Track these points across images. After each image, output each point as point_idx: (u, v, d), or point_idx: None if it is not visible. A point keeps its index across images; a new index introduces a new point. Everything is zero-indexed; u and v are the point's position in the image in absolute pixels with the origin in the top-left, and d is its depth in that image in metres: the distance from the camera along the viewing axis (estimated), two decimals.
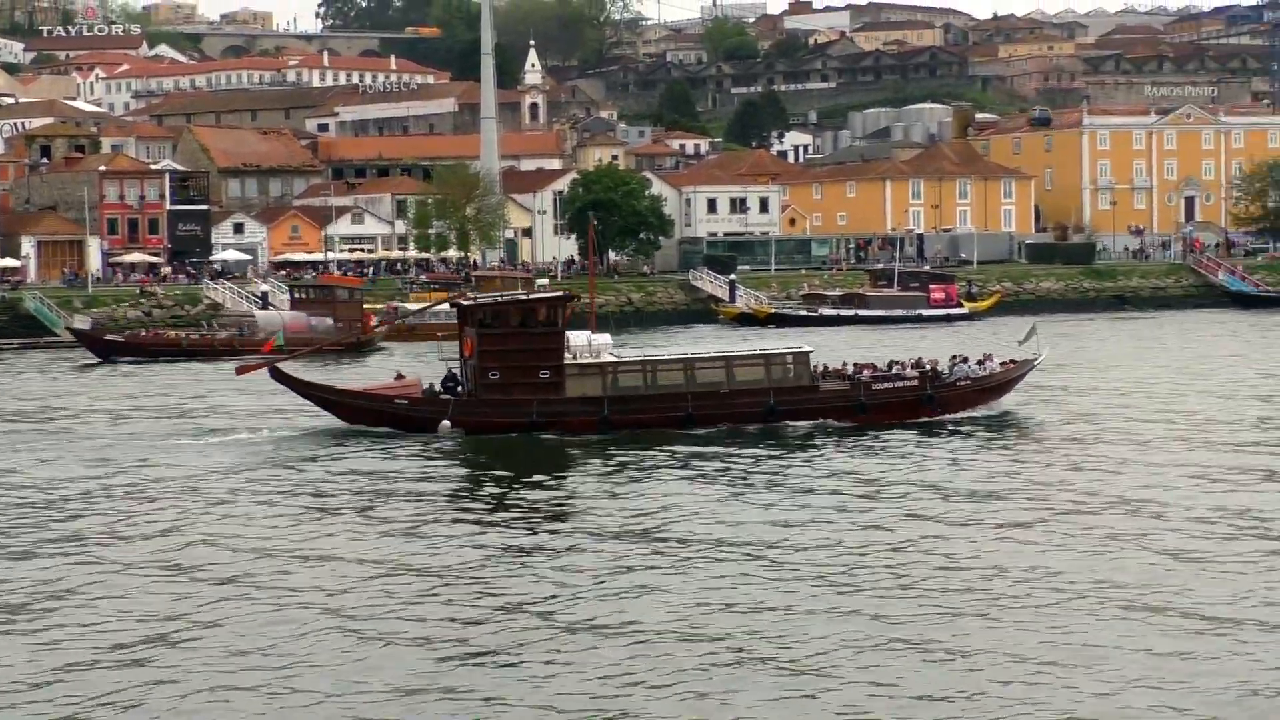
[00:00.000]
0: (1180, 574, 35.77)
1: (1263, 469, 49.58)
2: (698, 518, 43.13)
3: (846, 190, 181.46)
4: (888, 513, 43.44)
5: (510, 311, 61.11)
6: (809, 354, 62.58)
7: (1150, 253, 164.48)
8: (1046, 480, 48.34)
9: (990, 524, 41.74)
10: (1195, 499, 44.34)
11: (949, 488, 47.10)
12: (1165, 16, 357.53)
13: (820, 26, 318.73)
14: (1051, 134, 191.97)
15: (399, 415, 60.20)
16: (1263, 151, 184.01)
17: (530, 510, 45.06)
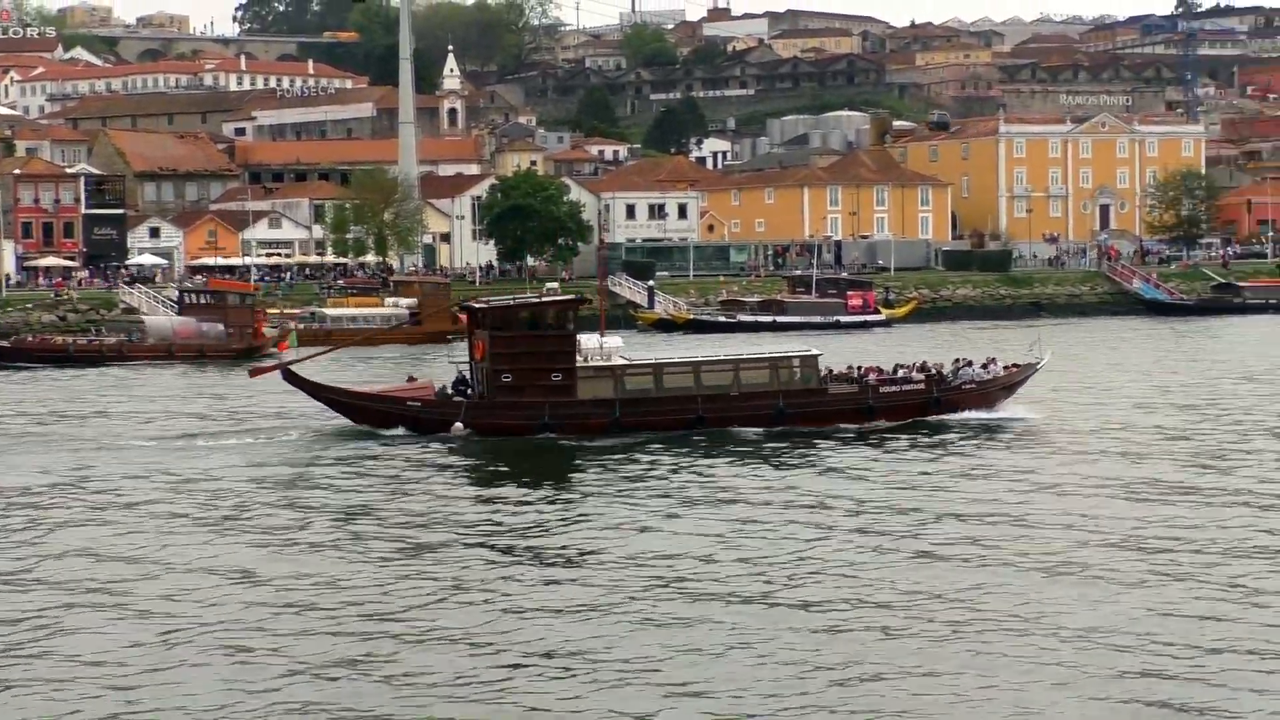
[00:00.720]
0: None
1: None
2: (715, 522, 43.21)
3: (765, 197, 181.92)
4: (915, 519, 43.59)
5: (522, 314, 61.63)
6: (817, 357, 63.25)
7: (1066, 260, 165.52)
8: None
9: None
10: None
11: (976, 495, 47.26)
12: (1081, 26, 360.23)
13: (739, 34, 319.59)
14: (968, 142, 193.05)
15: (412, 417, 60.38)
16: (1176, 160, 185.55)
17: (544, 512, 45.14)
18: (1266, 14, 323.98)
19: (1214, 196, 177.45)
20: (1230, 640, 30.81)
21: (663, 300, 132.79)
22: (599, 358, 61.02)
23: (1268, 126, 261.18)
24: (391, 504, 46.57)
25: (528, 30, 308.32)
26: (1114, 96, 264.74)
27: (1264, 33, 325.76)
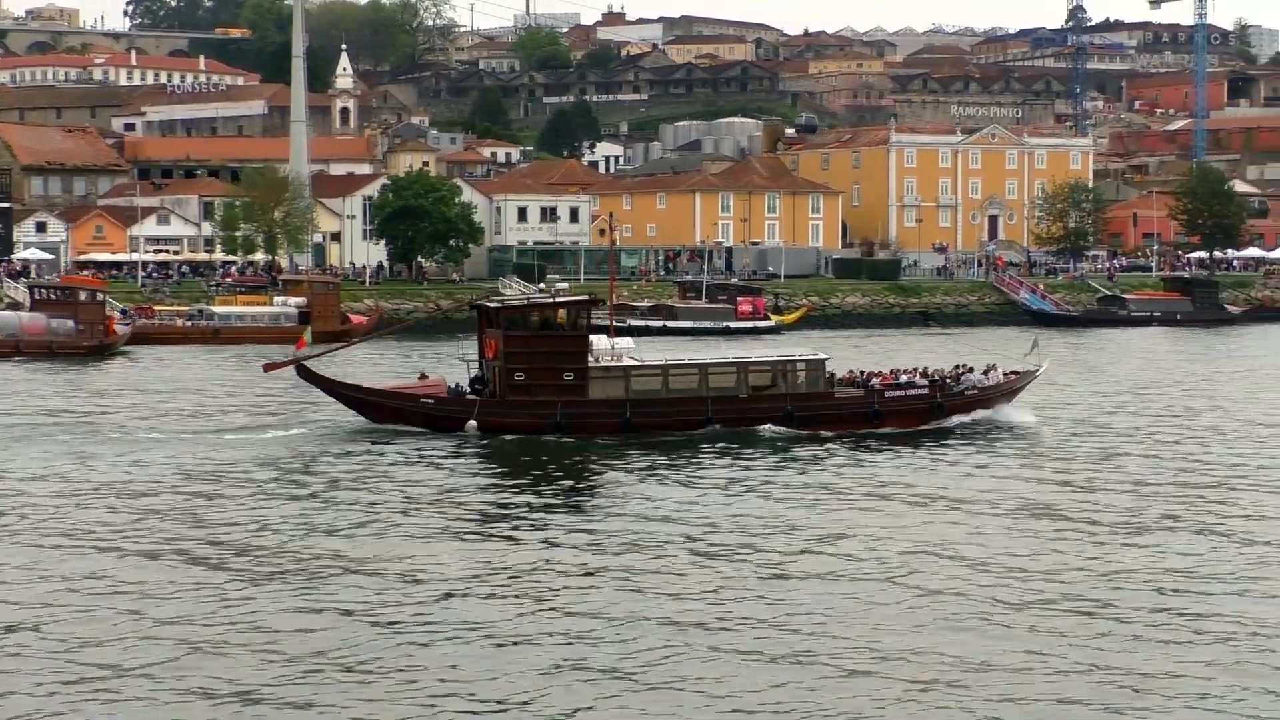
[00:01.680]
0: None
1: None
2: (728, 521, 43.96)
3: (657, 202, 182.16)
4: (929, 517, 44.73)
5: (535, 314, 62.60)
6: (824, 360, 64.38)
7: (954, 270, 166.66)
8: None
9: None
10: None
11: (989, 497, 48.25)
12: (972, 37, 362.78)
13: (633, 38, 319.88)
14: (860, 151, 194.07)
15: (425, 414, 61.19)
16: (1064, 172, 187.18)
17: (559, 510, 46.16)
18: (1155, 29, 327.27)
19: (1101, 209, 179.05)
20: None
21: None
22: (610, 358, 61.93)
23: (1154, 141, 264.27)
24: (413, 498, 47.51)
25: (421, 31, 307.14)
26: (1004, 108, 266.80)
27: (1152, 48, 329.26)
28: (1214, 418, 68.99)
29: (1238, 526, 43.68)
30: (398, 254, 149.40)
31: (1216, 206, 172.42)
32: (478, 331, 63.53)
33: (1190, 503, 47.30)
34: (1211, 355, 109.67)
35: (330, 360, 75.39)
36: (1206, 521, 44.32)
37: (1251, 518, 44.89)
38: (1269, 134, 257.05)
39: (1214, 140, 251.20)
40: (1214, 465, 54.85)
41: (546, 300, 65.91)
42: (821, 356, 65.02)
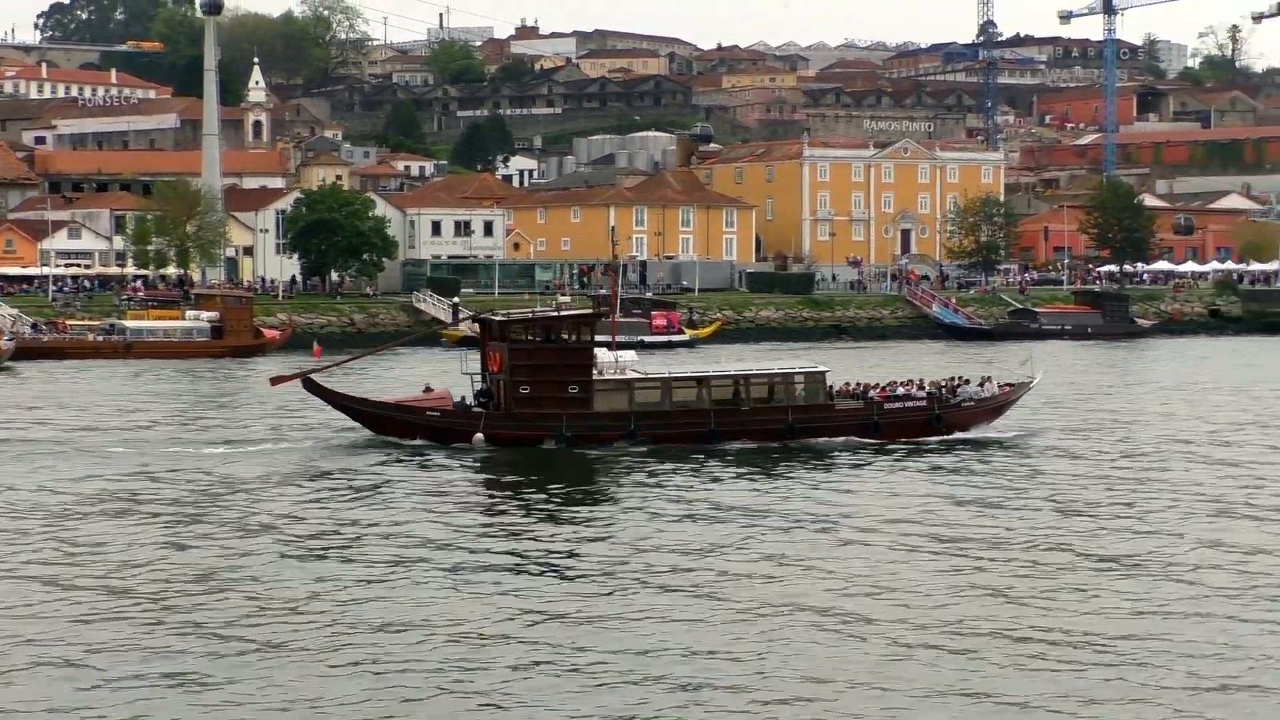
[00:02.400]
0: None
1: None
2: (736, 534, 44.50)
3: (571, 216, 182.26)
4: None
5: (541, 328, 62.93)
6: (825, 373, 65.32)
7: (867, 284, 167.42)
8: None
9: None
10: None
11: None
12: (884, 52, 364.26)
13: (547, 52, 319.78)
14: (773, 165, 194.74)
15: (432, 427, 61.70)
16: (976, 187, 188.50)
17: (569, 522, 46.71)
18: (1065, 45, 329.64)
19: (1012, 223, 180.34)
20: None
21: (467, 317, 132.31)
22: (614, 371, 62.65)
23: (1065, 155, 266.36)
24: (423, 511, 48.11)
25: (334, 44, 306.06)
26: (916, 123, 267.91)
27: (1062, 63, 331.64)
28: (1133, 430, 69.74)
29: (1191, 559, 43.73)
30: (311, 268, 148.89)
31: (1126, 220, 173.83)
32: (480, 345, 64.30)
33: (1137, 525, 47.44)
34: (1123, 368, 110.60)
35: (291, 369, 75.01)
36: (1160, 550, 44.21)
37: (1197, 547, 44.91)
38: (1178, 148, 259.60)
39: (1124, 154, 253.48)
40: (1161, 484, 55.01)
41: (552, 314, 65.93)
42: (822, 369, 66.13)
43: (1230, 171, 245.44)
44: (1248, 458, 61.10)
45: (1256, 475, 56.18)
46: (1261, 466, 58.56)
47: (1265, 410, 78.70)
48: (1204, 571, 40.08)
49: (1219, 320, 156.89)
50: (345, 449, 61.30)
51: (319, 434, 65.06)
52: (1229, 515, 48.22)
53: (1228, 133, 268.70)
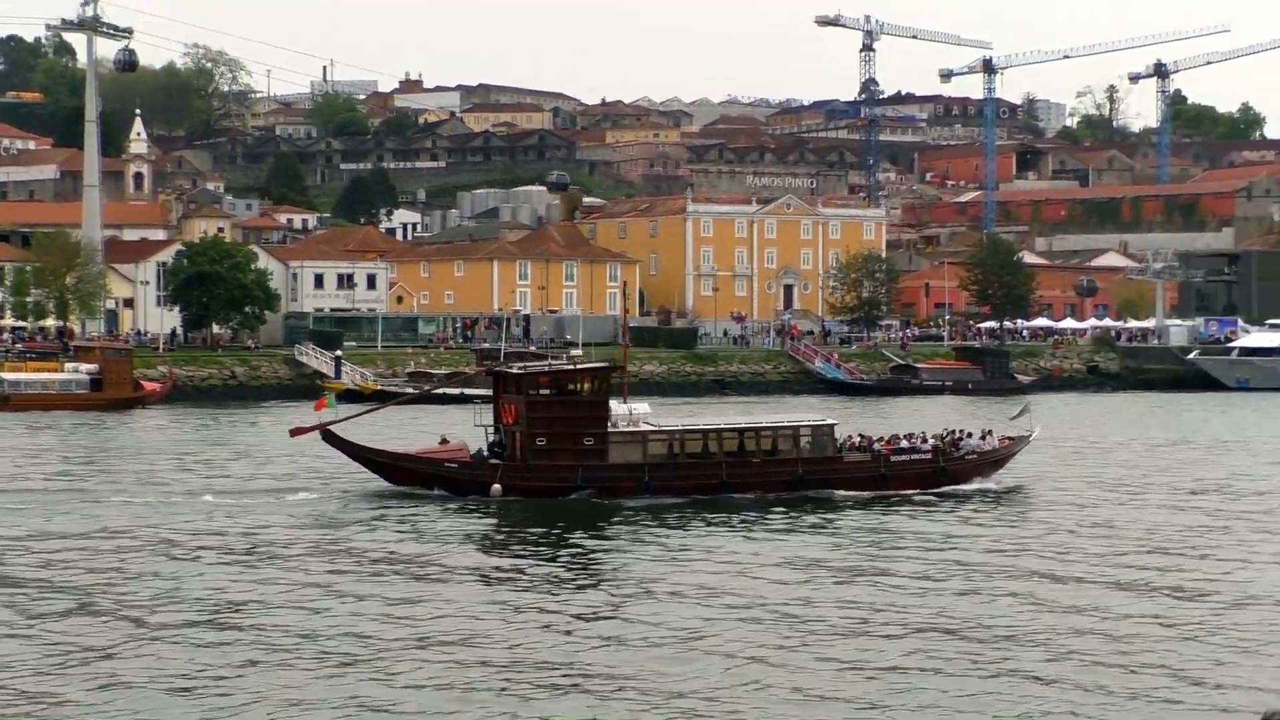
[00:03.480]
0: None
1: None
2: (760, 583, 45.15)
3: (454, 269, 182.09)
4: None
5: (557, 381, 63.99)
6: (833, 426, 66.42)
7: (750, 339, 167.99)
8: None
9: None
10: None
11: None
12: (767, 109, 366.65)
13: (430, 106, 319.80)
14: (657, 220, 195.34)
15: (450, 478, 62.73)
16: (858, 243, 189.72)
17: (593, 573, 47.41)
18: (946, 103, 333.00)
19: (894, 279, 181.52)
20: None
21: (350, 371, 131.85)
22: (627, 423, 63.50)
23: (945, 212, 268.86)
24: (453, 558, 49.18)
25: (217, 96, 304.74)
26: (799, 179, 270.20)
27: (943, 121, 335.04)
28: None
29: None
30: (192, 320, 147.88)
31: (1006, 277, 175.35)
32: (493, 397, 65.09)
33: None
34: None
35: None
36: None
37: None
38: (1056, 206, 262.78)
39: (1003, 212, 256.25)
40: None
41: (568, 367, 67.63)
42: (830, 422, 67.21)
43: (1108, 229, 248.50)
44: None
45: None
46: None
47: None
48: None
49: (1097, 377, 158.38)
50: (364, 499, 62.20)
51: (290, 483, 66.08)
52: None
53: (1105, 191, 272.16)
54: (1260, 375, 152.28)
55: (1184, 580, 46.10)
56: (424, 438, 72.61)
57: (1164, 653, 36.92)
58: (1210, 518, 59.60)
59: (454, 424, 73.81)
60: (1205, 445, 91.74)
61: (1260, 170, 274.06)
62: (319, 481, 67.22)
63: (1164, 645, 37.72)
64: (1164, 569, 48.06)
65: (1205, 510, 61.73)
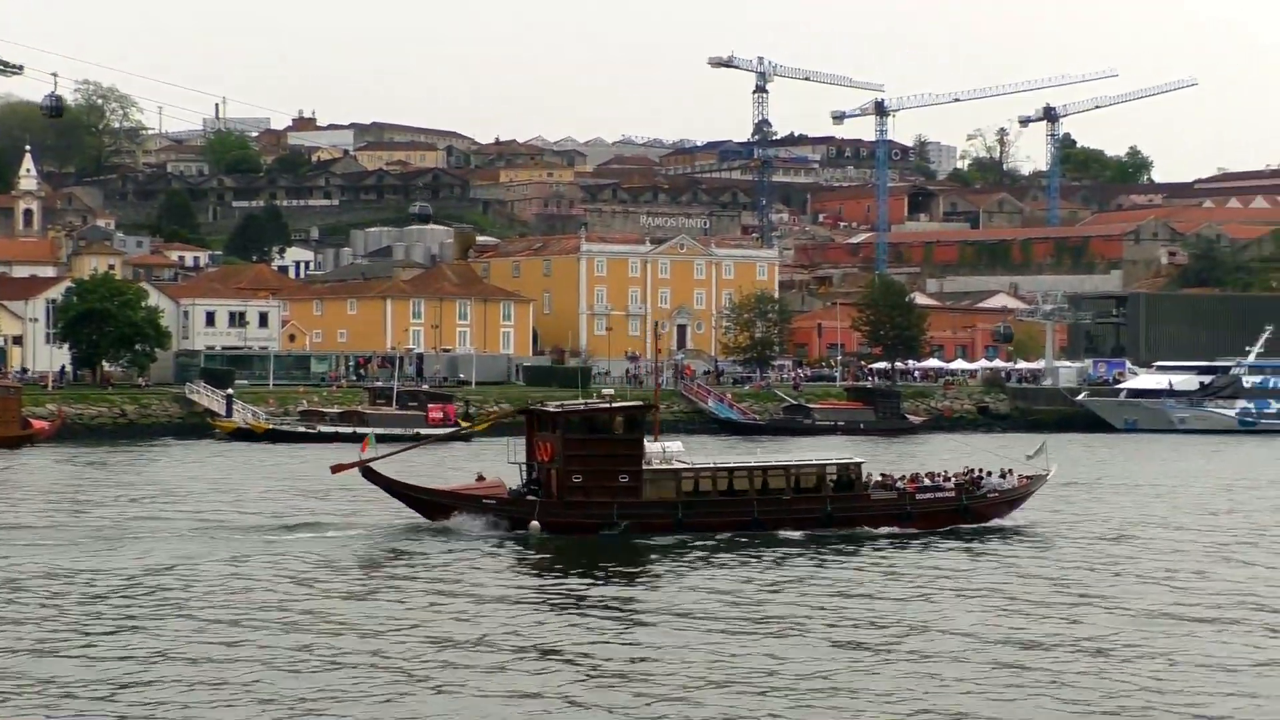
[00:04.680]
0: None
1: None
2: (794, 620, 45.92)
3: (347, 308, 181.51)
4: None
5: (593, 419, 65.14)
6: (860, 464, 67.62)
7: (644, 378, 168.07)
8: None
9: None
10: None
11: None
12: (661, 149, 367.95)
13: (324, 144, 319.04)
14: (551, 259, 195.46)
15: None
16: (751, 283, 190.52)
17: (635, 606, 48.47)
18: (838, 144, 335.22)
19: (786, 319, 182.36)
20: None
21: (241, 409, 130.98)
22: (660, 461, 64.81)
23: (838, 253, 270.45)
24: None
25: (108, 133, 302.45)
26: (692, 219, 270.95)
27: (836, 162, 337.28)
28: None
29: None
30: (82, 358, 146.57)
31: (898, 318, 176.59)
32: (526, 434, 66.07)
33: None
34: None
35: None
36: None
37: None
38: (947, 248, 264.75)
39: (895, 253, 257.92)
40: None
41: (604, 405, 68.39)
42: (858, 460, 68.26)
43: (998, 271, 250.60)
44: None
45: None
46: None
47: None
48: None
49: (988, 417, 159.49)
50: (402, 535, 63.06)
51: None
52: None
53: (995, 233, 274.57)
54: (1147, 417, 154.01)
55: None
56: (460, 475, 73.95)
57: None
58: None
59: (487, 462, 74.65)
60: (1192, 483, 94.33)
61: (1148, 213, 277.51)
62: (327, 517, 68.87)
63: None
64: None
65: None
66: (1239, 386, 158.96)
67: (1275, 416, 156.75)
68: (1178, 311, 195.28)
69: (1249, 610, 48.06)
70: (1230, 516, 75.50)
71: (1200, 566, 57.65)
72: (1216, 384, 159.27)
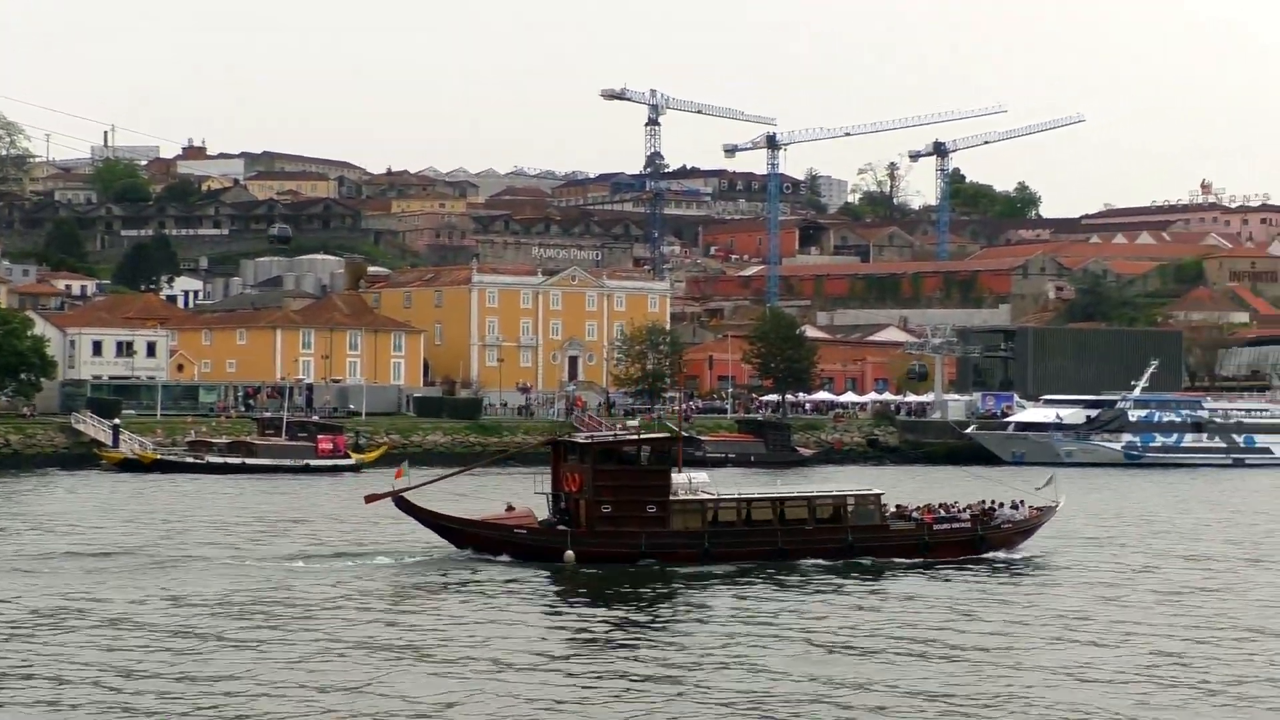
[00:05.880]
0: None
1: None
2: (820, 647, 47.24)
3: (237, 338, 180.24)
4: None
5: (623, 450, 66.53)
6: (880, 495, 68.99)
7: (535, 409, 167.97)
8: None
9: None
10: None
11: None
12: (553, 181, 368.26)
13: (214, 173, 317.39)
14: (442, 290, 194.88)
15: (520, 544, 64.98)
16: (642, 315, 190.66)
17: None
18: (730, 177, 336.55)
19: (678, 352, 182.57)
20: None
21: (128, 439, 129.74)
22: (687, 491, 65.85)
23: (729, 286, 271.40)
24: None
25: None
26: (584, 251, 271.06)
27: (727, 195, 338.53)
28: None
29: None
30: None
31: (788, 351, 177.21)
32: (552, 465, 67.60)
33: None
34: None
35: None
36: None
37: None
38: (838, 281, 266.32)
39: (786, 286, 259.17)
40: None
41: (632, 437, 69.98)
42: (878, 491, 69.65)
43: (888, 304, 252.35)
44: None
45: None
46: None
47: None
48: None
49: (877, 450, 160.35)
50: (436, 565, 63.94)
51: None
52: None
53: (885, 267, 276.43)
54: (1035, 450, 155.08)
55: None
56: (490, 505, 74.15)
57: None
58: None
59: (513, 493, 74.90)
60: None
61: (1036, 248, 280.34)
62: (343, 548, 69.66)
63: None
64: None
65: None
66: (1124, 420, 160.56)
67: (1160, 450, 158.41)
68: (1065, 346, 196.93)
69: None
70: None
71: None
72: (1102, 418, 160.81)
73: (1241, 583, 63.12)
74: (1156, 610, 55.05)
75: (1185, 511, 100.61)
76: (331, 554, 66.71)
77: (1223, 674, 43.48)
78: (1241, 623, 51.90)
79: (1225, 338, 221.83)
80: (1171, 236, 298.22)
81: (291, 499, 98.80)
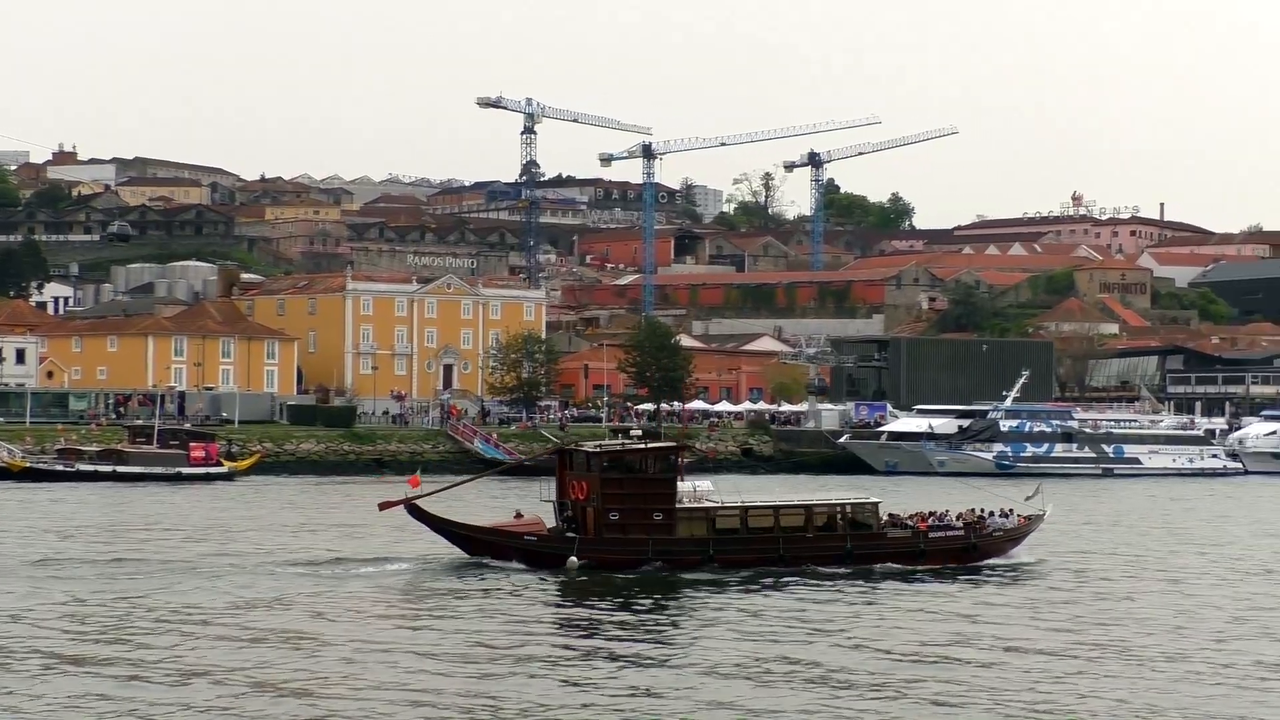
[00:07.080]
0: None
1: None
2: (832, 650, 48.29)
3: (108, 345, 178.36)
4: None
5: (629, 459, 68.14)
6: (878, 504, 71.42)
7: (410, 418, 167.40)
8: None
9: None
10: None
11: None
12: (429, 189, 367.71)
13: (85, 178, 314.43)
14: (316, 298, 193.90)
15: (529, 551, 66.54)
16: (518, 323, 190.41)
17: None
18: (606, 186, 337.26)
19: (553, 360, 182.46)
20: None
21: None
22: (692, 500, 67.76)
23: (605, 294, 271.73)
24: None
25: None
26: (460, 259, 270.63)
27: (603, 204, 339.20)
28: None
29: None
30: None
31: (664, 360, 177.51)
32: (557, 474, 68.94)
33: None
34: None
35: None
36: None
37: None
38: (713, 290, 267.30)
39: (661, 295, 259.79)
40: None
41: (639, 446, 70.34)
42: (875, 500, 72.16)
43: (763, 314, 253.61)
44: None
45: None
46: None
47: None
48: None
49: (752, 459, 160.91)
50: (447, 571, 65.52)
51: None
52: None
53: (760, 277, 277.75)
54: (907, 459, 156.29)
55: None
56: (498, 513, 75.83)
57: None
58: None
59: (523, 500, 76.95)
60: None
61: (909, 259, 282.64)
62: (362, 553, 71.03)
63: None
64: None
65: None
66: (996, 430, 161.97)
67: (1031, 460, 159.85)
68: (937, 356, 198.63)
69: None
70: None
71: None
72: (974, 427, 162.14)
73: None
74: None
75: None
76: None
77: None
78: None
79: (1095, 349, 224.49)
80: (1043, 248, 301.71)
81: (164, 506, 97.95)
